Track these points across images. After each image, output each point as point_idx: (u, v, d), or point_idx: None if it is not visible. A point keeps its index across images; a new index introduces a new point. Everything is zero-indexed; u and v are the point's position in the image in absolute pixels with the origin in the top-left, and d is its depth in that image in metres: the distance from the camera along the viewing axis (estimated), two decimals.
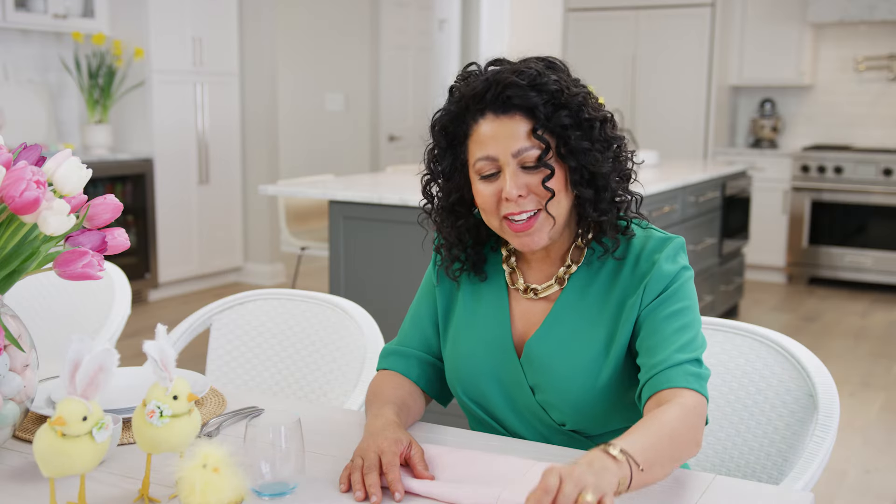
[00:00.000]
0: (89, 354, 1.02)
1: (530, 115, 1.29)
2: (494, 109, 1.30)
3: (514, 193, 1.28)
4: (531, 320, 1.39)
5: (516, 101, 1.28)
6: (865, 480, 3.16)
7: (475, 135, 1.32)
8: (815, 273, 6.32)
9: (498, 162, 1.30)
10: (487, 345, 1.40)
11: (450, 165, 1.37)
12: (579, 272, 1.37)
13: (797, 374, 1.55)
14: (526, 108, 1.29)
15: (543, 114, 1.28)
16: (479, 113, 1.32)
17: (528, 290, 1.39)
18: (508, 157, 1.29)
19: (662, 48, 6.47)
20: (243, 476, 1.02)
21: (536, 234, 1.31)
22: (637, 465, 1.09)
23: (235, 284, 6.12)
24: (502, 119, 1.30)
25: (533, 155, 1.29)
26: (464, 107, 1.33)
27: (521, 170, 1.30)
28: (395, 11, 7.36)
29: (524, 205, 1.30)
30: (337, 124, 7.38)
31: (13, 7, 4.92)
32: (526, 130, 1.29)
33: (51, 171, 1.20)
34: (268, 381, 1.92)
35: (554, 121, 1.28)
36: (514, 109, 1.29)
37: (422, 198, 1.44)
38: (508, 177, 1.29)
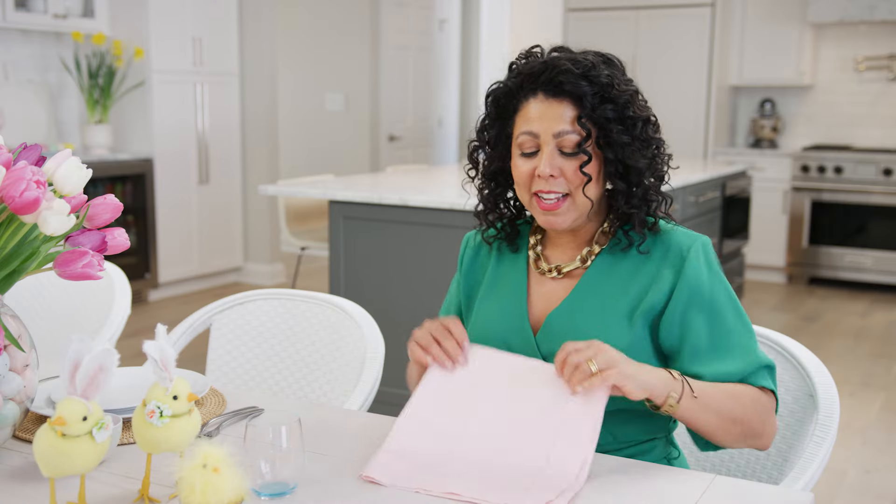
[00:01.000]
0: (89, 354, 1.02)
1: (578, 103, 1.35)
2: (546, 91, 1.37)
3: (547, 172, 1.35)
4: (552, 299, 1.43)
5: (567, 87, 1.35)
6: (865, 480, 3.16)
7: (523, 111, 1.39)
8: (815, 273, 6.32)
9: (538, 140, 1.37)
10: (503, 319, 1.44)
11: (496, 136, 1.45)
12: (603, 255, 1.42)
13: (797, 374, 1.55)
14: (575, 96, 1.35)
15: (590, 103, 1.35)
16: (532, 92, 1.38)
17: (552, 270, 1.44)
18: (549, 137, 1.36)
19: (662, 48, 6.47)
20: (243, 476, 1.02)
21: (561, 216, 1.38)
22: (691, 389, 1.25)
23: (235, 284, 6.12)
24: (551, 101, 1.36)
25: (572, 140, 1.35)
26: (518, 83, 1.40)
27: (558, 152, 1.36)
28: (395, 11, 7.36)
29: (554, 185, 1.36)
30: (337, 124, 7.38)
31: (13, 7, 4.92)
32: (571, 116, 1.35)
33: (51, 171, 1.20)
34: (268, 381, 1.92)
35: (599, 112, 1.35)
36: (563, 95, 1.36)
37: (467, 162, 1.51)
38: (545, 156, 1.36)
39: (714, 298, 1.35)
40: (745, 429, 1.30)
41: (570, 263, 1.43)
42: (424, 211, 3.36)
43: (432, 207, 3.34)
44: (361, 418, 1.47)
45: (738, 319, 1.36)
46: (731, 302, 1.36)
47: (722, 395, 1.28)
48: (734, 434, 1.30)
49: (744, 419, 1.29)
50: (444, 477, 1.19)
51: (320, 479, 1.20)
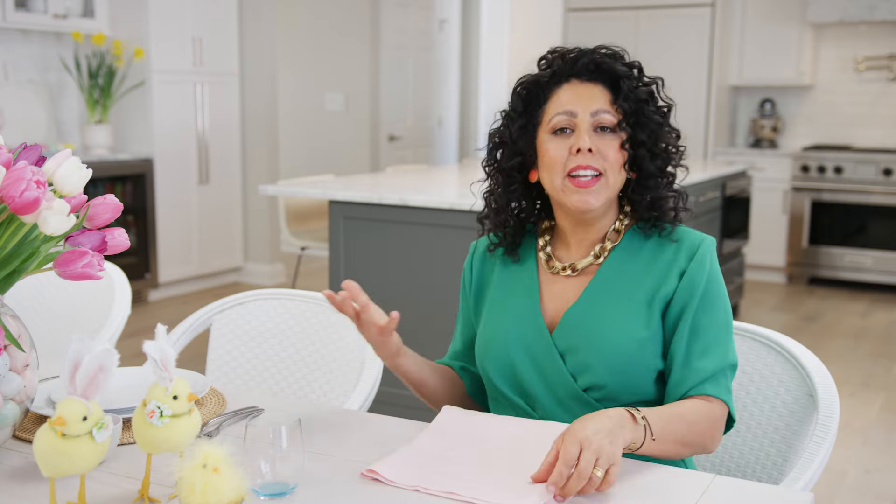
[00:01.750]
0: (89, 354, 1.02)
1: (613, 86, 1.40)
2: (580, 76, 1.41)
3: (587, 145, 1.36)
4: (566, 297, 1.44)
5: (605, 67, 1.40)
6: (865, 480, 3.16)
7: (555, 97, 1.42)
8: (815, 273, 6.32)
9: (575, 119, 1.39)
10: (518, 319, 1.45)
11: (520, 128, 1.44)
12: (616, 252, 1.44)
13: (797, 374, 1.55)
14: (612, 78, 1.40)
15: (626, 85, 1.39)
16: (565, 78, 1.42)
17: (566, 268, 1.45)
18: (587, 115, 1.39)
19: (662, 48, 6.47)
20: (243, 476, 1.02)
21: (595, 195, 1.38)
22: (651, 434, 1.24)
23: (235, 284, 6.12)
24: (587, 84, 1.41)
25: (609, 119, 1.39)
26: (551, 73, 1.42)
27: (593, 131, 1.38)
28: (395, 11, 7.36)
29: (591, 160, 1.38)
30: (337, 124, 7.38)
31: (13, 7, 4.92)
32: (607, 98, 1.40)
33: (51, 171, 1.20)
34: (268, 381, 1.92)
35: (634, 94, 1.39)
36: (598, 78, 1.40)
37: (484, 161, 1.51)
38: (583, 132, 1.38)
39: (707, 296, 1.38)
40: (693, 449, 1.33)
41: (584, 260, 1.44)
42: (424, 211, 3.36)
43: (432, 207, 3.34)
44: (361, 418, 1.47)
45: (725, 316, 1.40)
46: (723, 303, 1.40)
47: (678, 426, 1.29)
48: (683, 454, 1.33)
49: (694, 441, 1.32)
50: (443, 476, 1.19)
51: (320, 479, 1.20)
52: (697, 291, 1.37)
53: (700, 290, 1.38)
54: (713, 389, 1.35)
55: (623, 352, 1.37)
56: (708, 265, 1.39)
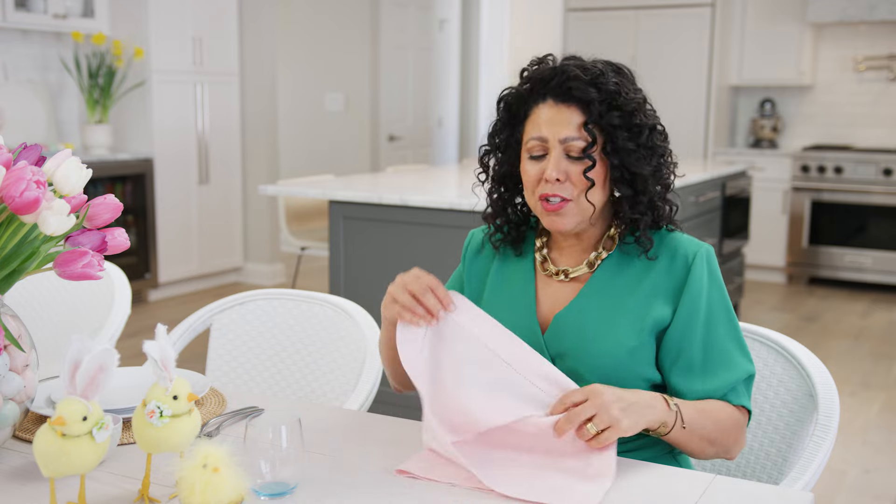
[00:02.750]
0: (89, 354, 1.02)
1: (585, 109, 1.38)
2: (555, 96, 1.40)
3: (553, 176, 1.38)
4: (559, 300, 1.45)
5: (575, 92, 1.38)
6: (865, 480, 3.16)
7: (533, 116, 1.42)
8: (815, 273, 6.32)
9: (546, 144, 1.40)
10: (513, 318, 1.45)
11: (506, 140, 1.48)
12: (610, 259, 1.44)
13: (797, 374, 1.55)
14: (582, 102, 1.38)
15: (597, 110, 1.37)
16: (542, 97, 1.41)
17: (559, 273, 1.46)
18: (556, 142, 1.39)
19: (662, 48, 6.47)
20: (243, 476, 1.02)
21: (564, 218, 1.40)
22: (682, 421, 1.29)
23: (235, 284, 6.12)
24: (560, 107, 1.40)
25: (578, 145, 1.38)
26: (529, 89, 1.43)
27: (565, 157, 1.39)
28: (395, 11, 7.36)
29: (559, 189, 1.39)
30: (337, 124, 7.38)
31: (13, 7, 4.92)
32: (578, 122, 1.38)
33: (51, 171, 1.20)
34: (268, 381, 1.92)
35: (606, 118, 1.38)
36: (572, 100, 1.39)
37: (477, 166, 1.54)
38: (552, 160, 1.39)
39: (711, 312, 1.38)
40: (718, 448, 1.36)
41: (577, 268, 1.45)
42: (424, 211, 3.36)
43: (432, 207, 3.34)
44: (361, 418, 1.47)
45: (731, 332, 1.39)
46: (727, 314, 1.39)
47: (706, 421, 1.33)
48: (707, 452, 1.36)
49: (720, 440, 1.35)
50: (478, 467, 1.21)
51: (320, 479, 1.20)
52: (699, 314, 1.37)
53: (702, 312, 1.37)
54: (734, 398, 1.37)
55: (611, 360, 1.37)
56: (706, 281, 1.38)
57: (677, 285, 1.39)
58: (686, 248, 1.41)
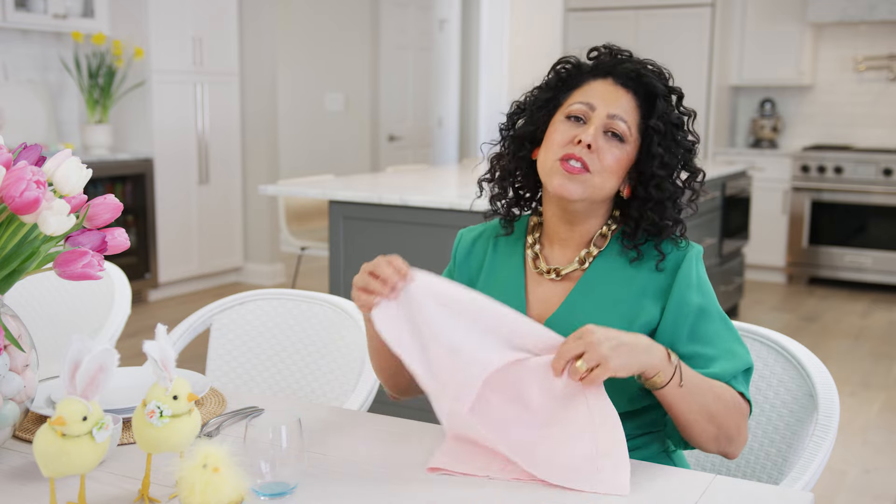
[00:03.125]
0: (89, 354, 1.02)
1: (642, 101, 1.40)
2: (618, 78, 1.41)
3: (589, 140, 1.36)
4: (550, 301, 1.44)
5: (645, 80, 1.39)
6: (865, 480, 3.16)
7: (585, 87, 1.42)
8: (815, 273, 6.32)
9: (592, 112, 1.38)
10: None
11: (544, 101, 1.45)
12: (601, 258, 1.43)
13: (797, 374, 1.55)
14: (647, 94, 1.39)
15: (661, 106, 1.38)
16: (602, 74, 1.42)
17: (550, 272, 1.45)
18: (603, 114, 1.38)
19: (662, 48, 6.47)
20: (243, 476, 1.02)
21: (576, 184, 1.37)
22: (681, 378, 1.26)
23: (235, 284, 6.12)
24: (618, 88, 1.40)
25: (622, 127, 1.38)
26: (595, 65, 1.43)
27: (604, 133, 1.38)
28: (395, 11, 7.37)
29: (586, 156, 1.37)
30: (337, 124, 7.38)
31: (13, 7, 4.92)
32: (633, 108, 1.39)
33: (51, 171, 1.20)
34: (268, 381, 1.92)
35: (655, 117, 1.38)
36: (633, 88, 1.40)
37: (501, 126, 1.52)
38: (592, 127, 1.37)
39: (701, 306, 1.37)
40: (720, 431, 1.31)
41: (568, 266, 1.44)
42: (424, 211, 3.36)
43: (432, 207, 3.34)
44: (361, 418, 1.47)
45: (724, 325, 1.38)
46: (717, 309, 1.38)
47: (707, 392, 1.29)
48: (709, 433, 1.31)
49: (721, 420, 1.31)
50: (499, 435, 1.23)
51: (320, 479, 1.20)
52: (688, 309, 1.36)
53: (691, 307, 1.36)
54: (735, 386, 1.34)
55: None
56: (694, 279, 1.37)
57: (666, 285, 1.38)
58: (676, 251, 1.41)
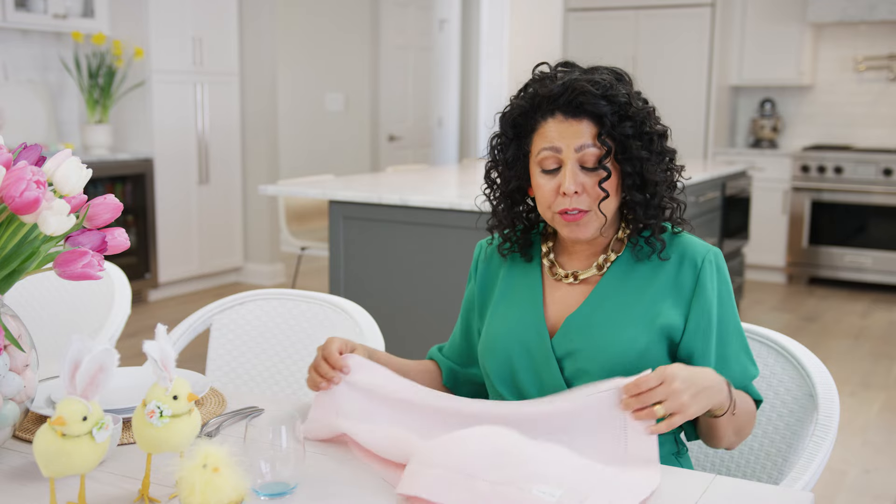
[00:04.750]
0: (89, 354, 1.02)
1: (597, 122, 1.38)
2: (565, 111, 1.39)
3: (571, 189, 1.37)
4: (568, 303, 1.45)
5: (588, 107, 1.38)
6: (865, 480, 3.16)
7: (542, 130, 1.41)
8: (815, 273, 6.32)
9: (560, 155, 1.39)
10: (520, 322, 1.46)
11: (513, 155, 1.46)
12: (619, 262, 1.44)
13: (797, 374, 1.55)
14: (595, 115, 1.38)
15: (610, 122, 1.37)
16: (550, 112, 1.41)
17: (569, 276, 1.46)
18: (571, 152, 1.38)
19: (662, 48, 6.47)
20: (243, 476, 1.02)
21: (584, 227, 1.40)
22: (734, 408, 1.31)
23: (235, 284, 6.12)
24: (570, 121, 1.39)
25: (594, 154, 1.38)
26: (535, 105, 1.42)
27: (579, 169, 1.38)
28: (395, 11, 7.37)
29: (577, 202, 1.38)
30: (337, 124, 7.38)
31: (13, 7, 4.92)
32: (591, 133, 1.38)
33: (51, 171, 1.20)
34: (268, 381, 1.92)
35: (618, 129, 1.38)
36: (583, 115, 1.38)
37: (483, 182, 1.53)
38: (568, 173, 1.38)
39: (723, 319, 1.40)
40: (739, 437, 1.38)
41: (586, 270, 1.45)
42: (424, 211, 3.36)
43: (432, 207, 3.34)
44: None
45: (738, 334, 1.41)
46: (735, 317, 1.41)
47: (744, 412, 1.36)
48: (731, 441, 1.38)
49: (743, 429, 1.38)
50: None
51: (320, 479, 1.20)
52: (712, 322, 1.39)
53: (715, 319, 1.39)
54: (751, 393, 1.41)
55: (622, 360, 1.36)
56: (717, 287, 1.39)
57: (687, 291, 1.40)
58: (694, 251, 1.41)
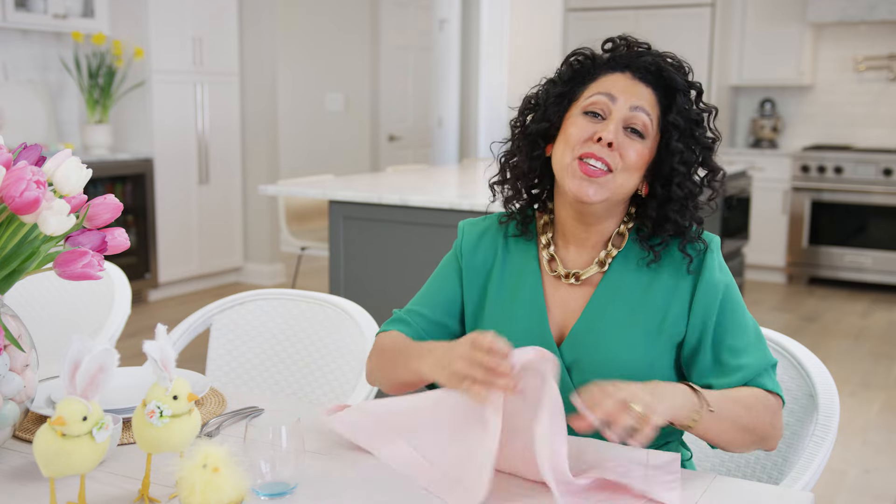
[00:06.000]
0: (89, 354, 1.02)
1: (661, 96, 1.35)
2: (636, 71, 1.36)
3: (610, 138, 1.31)
4: (571, 306, 1.40)
5: (666, 74, 1.35)
6: (865, 480, 3.16)
7: (603, 79, 1.37)
8: (815, 273, 6.32)
9: (612, 105, 1.33)
10: (525, 334, 1.38)
11: (557, 96, 1.39)
12: (620, 258, 1.39)
13: (797, 374, 1.55)
14: (666, 88, 1.35)
15: (681, 100, 1.34)
16: (622, 68, 1.37)
17: (569, 276, 1.40)
18: (625, 107, 1.33)
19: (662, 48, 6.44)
20: (243, 476, 1.02)
21: (596, 188, 1.32)
22: (709, 405, 1.21)
23: (235, 284, 6.12)
24: (637, 82, 1.35)
25: (644, 120, 1.33)
26: (611, 57, 1.38)
27: (623, 129, 1.33)
28: (395, 11, 7.37)
29: (605, 154, 1.32)
30: (337, 124, 7.38)
31: (13, 7, 4.92)
32: (652, 101, 1.35)
33: (51, 171, 1.20)
34: (268, 381, 1.92)
35: (674, 113, 1.34)
36: (653, 82, 1.36)
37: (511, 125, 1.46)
38: (613, 123, 1.32)
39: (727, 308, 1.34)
40: (755, 436, 1.29)
41: (587, 270, 1.39)
42: (424, 211, 3.36)
43: (432, 207, 3.34)
44: None
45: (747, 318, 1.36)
46: (742, 307, 1.36)
47: (736, 407, 1.26)
48: (746, 442, 1.29)
49: (755, 427, 1.28)
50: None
51: (320, 479, 1.20)
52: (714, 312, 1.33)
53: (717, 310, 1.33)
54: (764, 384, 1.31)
55: (631, 370, 1.32)
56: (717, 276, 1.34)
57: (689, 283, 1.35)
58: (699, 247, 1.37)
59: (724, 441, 1.27)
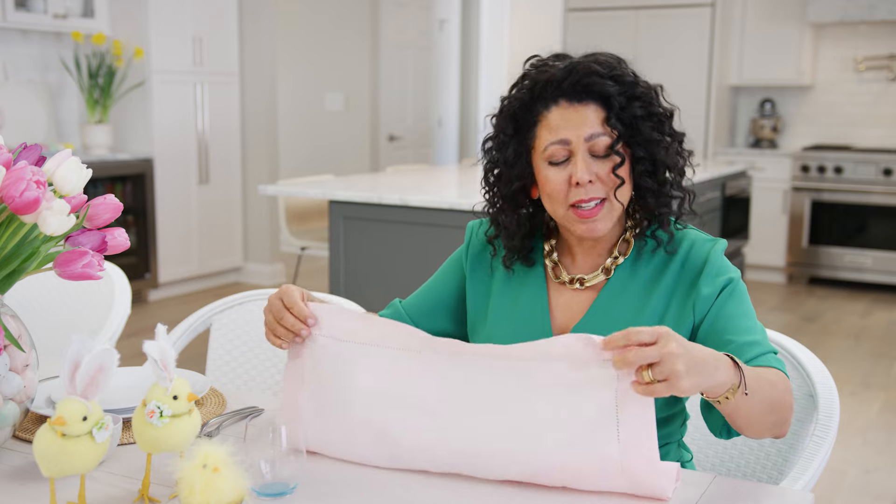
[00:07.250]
0: (89, 354, 1.02)
1: (604, 105, 1.32)
2: (569, 97, 1.32)
3: (585, 178, 1.30)
4: (573, 310, 1.39)
5: (594, 88, 1.31)
6: (865, 480, 3.16)
7: (545, 121, 1.34)
8: (815, 273, 6.32)
9: (570, 147, 1.32)
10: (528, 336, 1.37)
11: (514, 153, 1.37)
12: (625, 264, 1.39)
13: (797, 374, 1.55)
14: (602, 97, 1.31)
15: (618, 103, 1.31)
16: (553, 100, 1.33)
17: (574, 281, 1.40)
18: (581, 142, 1.31)
19: (662, 48, 6.47)
20: (243, 476, 1.02)
21: (601, 222, 1.33)
22: (745, 386, 1.14)
23: (235, 284, 6.12)
24: (576, 106, 1.32)
25: (604, 142, 1.31)
26: (536, 94, 1.35)
27: (590, 157, 1.32)
28: (395, 11, 7.36)
29: (592, 191, 1.31)
30: (337, 124, 7.38)
31: (13, 7, 4.92)
32: (599, 118, 1.32)
33: (51, 171, 1.20)
34: (268, 381, 1.92)
35: (627, 111, 1.32)
36: (589, 98, 1.32)
37: (482, 186, 1.44)
38: (580, 162, 1.31)
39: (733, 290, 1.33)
40: (778, 416, 1.22)
41: (593, 275, 1.39)
42: (424, 211, 3.36)
43: (432, 207, 3.34)
44: None
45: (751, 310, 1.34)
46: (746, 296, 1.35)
47: (764, 383, 1.19)
48: (768, 423, 1.22)
49: (779, 406, 1.22)
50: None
51: (320, 479, 1.20)
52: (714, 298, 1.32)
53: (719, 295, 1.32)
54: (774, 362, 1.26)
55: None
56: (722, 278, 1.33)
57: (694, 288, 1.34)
58: (699, 247, 1.36)
59: (748, 422, 1.20)
